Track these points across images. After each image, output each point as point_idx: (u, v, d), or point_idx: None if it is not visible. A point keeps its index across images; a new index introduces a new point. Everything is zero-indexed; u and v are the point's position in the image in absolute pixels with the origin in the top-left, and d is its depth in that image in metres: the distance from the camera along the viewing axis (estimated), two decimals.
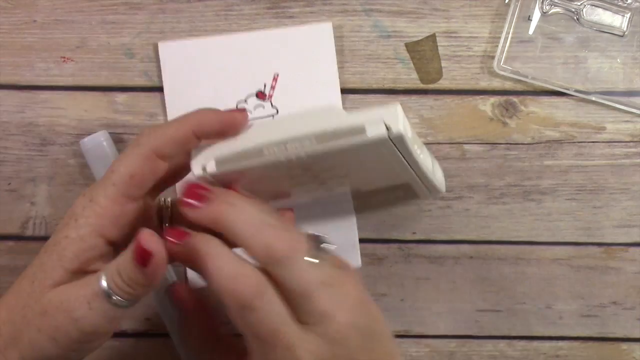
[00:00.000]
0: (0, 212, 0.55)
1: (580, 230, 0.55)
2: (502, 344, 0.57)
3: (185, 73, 0.54)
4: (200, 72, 0.54)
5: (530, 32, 0.53)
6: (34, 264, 0.38)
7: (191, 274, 0.55)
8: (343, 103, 0.55)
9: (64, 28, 0.55)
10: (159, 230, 0.38)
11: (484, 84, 0.54)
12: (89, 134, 0.54)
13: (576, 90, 0.53)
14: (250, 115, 0.53)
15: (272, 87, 0.53)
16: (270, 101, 0.53)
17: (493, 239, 0.56)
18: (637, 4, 0.52)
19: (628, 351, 0.57)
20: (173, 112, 0.54)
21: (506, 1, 0.53)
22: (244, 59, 0.53)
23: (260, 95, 0.53)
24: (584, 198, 0.55)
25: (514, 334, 0.57)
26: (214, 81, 0.54)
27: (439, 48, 0.54)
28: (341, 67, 0.55)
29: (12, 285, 0.39)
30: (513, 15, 0.53)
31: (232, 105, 0.53)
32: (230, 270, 0.35)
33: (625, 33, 0.53)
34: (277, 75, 0.53)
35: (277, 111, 0.53)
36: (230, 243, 0.36)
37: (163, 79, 0.54)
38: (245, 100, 0.53)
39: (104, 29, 0.55)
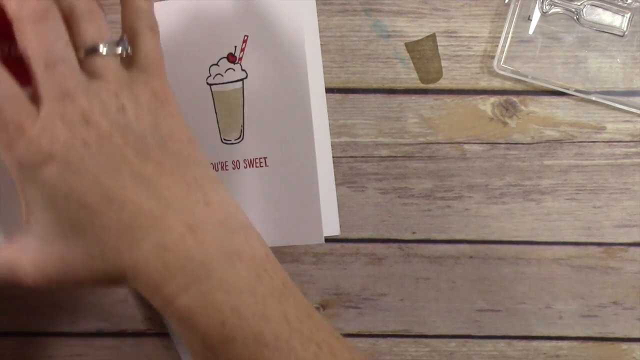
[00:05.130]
0: None
1: (580, 230, 0.55)
2: (502, 344, 0.57)
3: (163, 35, 0.54)
4: (177, 34, 0.54)
5: (530, 32, 0.53)
6: None
7: None
8: (343, 103, 0.55)
9: None
10: None
11: (483, 83, 0.54)
12: None
13: (576, 90, 0.53)
14: (221, 79, 0.54)
15: (242, 50, 0.53)
16: (240, 64, 0.53)
17: (493, 238, 0.56)
18: (637, 4, 0.52)
19: (628, 351, 0.57)
20: None
21: (506, 1, 0.53)
22: (218, 20, 0.53)
23: (231, 57, 0.53)
24: (584, 198, 0.55)
25: (513, 334, 0.57)
26: (189, 43, 0.54)
27: (439, 48, 0.54)
28: (341, 66, 0.55)
29: None
30: (513, 15, 0.53)
31: (206, 68, 0.54)
32: None
33: (625, 33, 0.53)
34: (247, 37, 0.53)
35: (247, 75, 0.53)
36: None
37: None
38: (217, 63, 0.53)
39: None
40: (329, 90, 0.55)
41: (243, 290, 0.36)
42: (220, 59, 0.53)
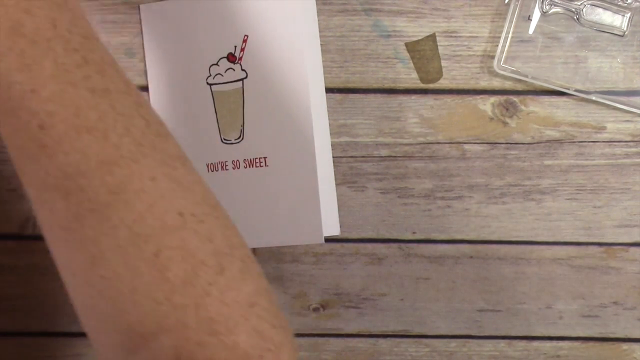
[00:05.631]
0: (0, 212, 0.55)
1: (581, 230, 0.55)
2: (502, 344, 0.57)
3: (163, 36, 0.54)
4: (178, 34, 0.54)
5: (530, 32, 0.53)
6: None
7: None
8: (343, 103, 0.55)
9: None
10: None
11: (484, 83, 0.54)
12: None
13: (576, 90, 0.53)
14: (221, 79, 0.54)
15: (242, 50, 0.53)
16: (240, 64, 0.53)
17: (493, 238, 0.55)
18: (637, 3, 0.52)
19: (629, 351, 0.57)
20: (153, 74, 0.55)
21: (506, 1, 0.53)
22: (218, 20, 0.53)
23: (231, 57, 0.53)
24: (584, 198, 0.55)
25: (514, 334, 0.57)
26: (190, 43, 0.54)
27: (439, 48, 0.54)
28: (341, 66, 0.55)
29: None
30: (513, 14, 0.53)
31: (206, 68, 0.54)
32: None
33: (626, 33, 0.53)
34: (247, 37, 0.53)
35: (247, 75, 0.53)
36: None
37: (144, 41, 0.55)
38: (217, 63, 0.53)
39: (104, 29, 0.55)
40: (329, 90, 0.55)
41: None
42: (220, 58, 0.53)
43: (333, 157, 0.55)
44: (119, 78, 0.37)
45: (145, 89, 0.55)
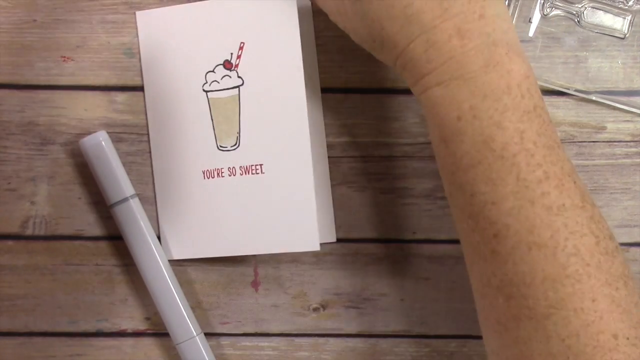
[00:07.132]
0: (0, 212, 0.55)
1: None
2: None
3: (160, 42, 0.54)
4: (174, 41, 0.54)
5: (531, 34, 0.53)
6: None
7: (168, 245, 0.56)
8: (343, 103, 0.55)
9: (64, 27, 0.55)
10: None
11: None
12: (89, 134, 0.54)
13: (576, 90, 0.53)
14: (218, 86, 0.54)
15: (238, 57, 0.53)
16: (237, 71, 0.53)
17: None
18: (638, 6, 0.52)
19: None
20: (149, 81, 0.55)
21: (505, 2, 0.53)
22: (214, 27, 0.53)
23: (227, 64, 0.53)
24: None
25: None
26: (186, 50, 0.54)
27: None
28: (341, 66, 0.54)
29: None
30: (513, 16, 0.53)
31: (202, 75, 0.54)
32: None
33: (627, 36, 0.53)
34: (243, 44, 0.53)
35: (243, 82, 0.53)
36: None
37: (140, 48, 0.55)
38: (214, 70, 0.53)
39: (104, 29, 0.55)
40: (329, 90, 0.55)
41: (487, 95, 0.39)
42: (217, 65, 0.53)
43: (333, 157, 0.55)
44: (575, 191, 0.39)
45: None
